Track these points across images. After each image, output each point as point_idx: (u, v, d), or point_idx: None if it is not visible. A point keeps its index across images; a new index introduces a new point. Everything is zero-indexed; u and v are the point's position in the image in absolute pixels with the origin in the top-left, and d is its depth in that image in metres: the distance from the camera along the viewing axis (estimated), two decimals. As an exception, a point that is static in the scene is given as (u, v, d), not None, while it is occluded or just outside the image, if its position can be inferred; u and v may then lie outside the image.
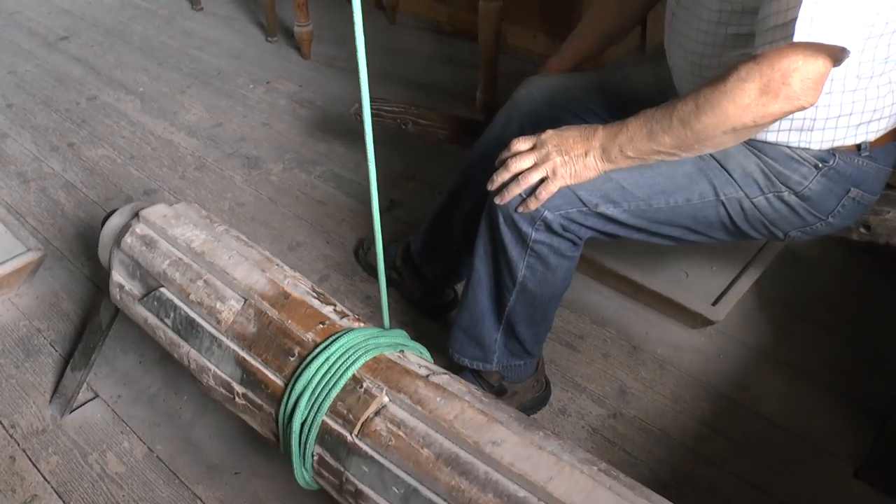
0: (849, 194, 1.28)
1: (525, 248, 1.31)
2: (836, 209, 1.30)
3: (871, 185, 1.29)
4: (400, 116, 1.90)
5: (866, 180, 1.28)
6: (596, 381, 1.65)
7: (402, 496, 0.92)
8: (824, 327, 1.76)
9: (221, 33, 3.17)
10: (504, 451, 0.89)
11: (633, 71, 1.56)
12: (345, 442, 0.97)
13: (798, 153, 1.25)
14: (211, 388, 1.15)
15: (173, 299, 1.19)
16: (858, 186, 1.28)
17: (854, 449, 1.51)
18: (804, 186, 1.27)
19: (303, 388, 1.01)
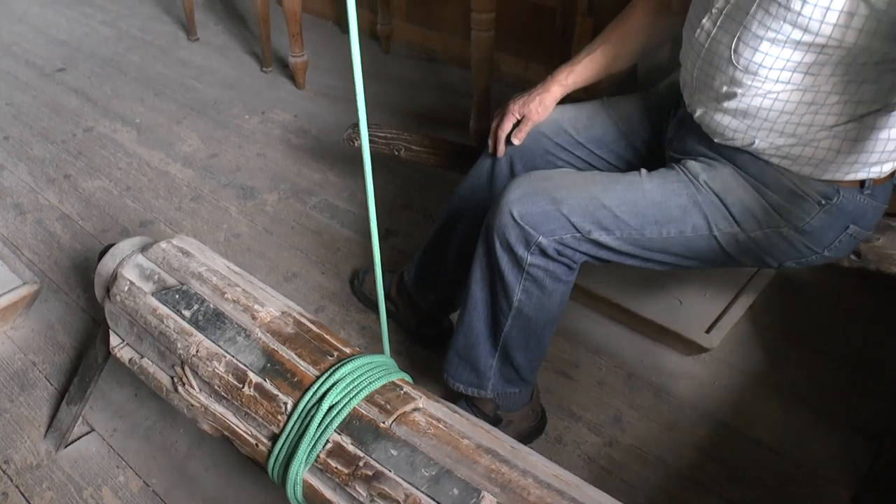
0: (847, 230, 1.31)
1: (521, 271, 1.32)
2: (834, 244, 1.32)
3: (867, 221, 1.32)
4: (393, 143, 1.92)
5: (865, 217, 1.30)
6: (591, 409, 1.65)
7: (431, 477, 0.95)
8: (818, 352, 1.77)
9: (217, 63, 3.19)
10: (537, 459, 0.97)
11: (624, 106, 1.57)
12: (376, 427, 1.01)
13: (802, 189, 1.27)
14: (212, 377, 1.14)
15: (203, 294, 1.23)
16: (857, 223, 1.30)
17: (851, 473, 1.51)
18: (805, 222, 1.29)
19: (342, 376, 1.05)
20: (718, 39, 1.24)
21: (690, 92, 1.35)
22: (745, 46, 1.18)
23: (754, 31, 1.16)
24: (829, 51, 1.11)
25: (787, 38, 1.12)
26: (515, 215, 1.29)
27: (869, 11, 1.05)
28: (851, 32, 1.07)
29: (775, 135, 1.24)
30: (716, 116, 1.29)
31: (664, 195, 1.32)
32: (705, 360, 1.76)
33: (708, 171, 1.34)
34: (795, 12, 1.09)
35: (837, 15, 1.06)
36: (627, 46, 1.50)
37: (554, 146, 1.55)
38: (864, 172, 1.24)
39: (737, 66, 1.20)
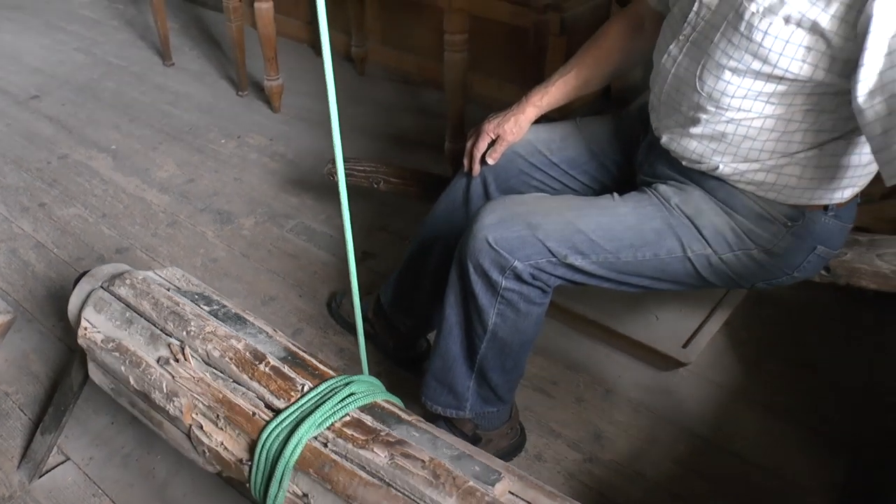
0: (815, 251, 1.34)
1: (495, 295, 1.33)
2: (802, 264, 1.35)
3: (834, 242, 1.35)
4: (371, 175, 1.97)
5: (831, 238, 1.33)
6: (571, 426, 1.65)
7: (454, 455, 1.00)
8: (793, 365, 1.79)
9: (193, 88, 3.20)
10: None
11: (597, 127, 1.60)
12: (398, 416, 1.09)
13: (768, 212, 1.30)
14: (226, 350, 1.16)
15: (222, 300, 1.29)
16: (824, 244, 1.33)
17: (828, 484, 1.53)
18: (773, 244, 1.31)
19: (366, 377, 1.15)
20: (684, 66, 1.27)
21: (658, 116, 1.38)
22: (710, 74, 1.21)
23: (718, 60, 1.19)
24: (788, 82, 1.15)
25: (748, 69, 1.16)
26: (491, 241, 1.30)
27: (825, 48, 1.08)
28: (808, 67, 1.11)
29: (739, 160, 1.27)
30: (682, 141, 1.32)
31: (638, 219, 1.34)
32: (683, 375, 1.77)
33: (679, 195, 1.36)
34: (757, 43, 1.13)
35: (796, 49, 1.10)
36: (601, 68, 1.53)
37: (528, 166, 1.56)
38: (826, 198, 1.28)
39: (701, 92, 1.23)
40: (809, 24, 1.08)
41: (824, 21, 1.06)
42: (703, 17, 1.23)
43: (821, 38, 1.08)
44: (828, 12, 1.06)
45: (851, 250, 1.54)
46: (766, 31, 1.11)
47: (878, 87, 1.02)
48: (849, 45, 1.06)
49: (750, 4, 1.12)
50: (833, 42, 1.07)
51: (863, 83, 1.03)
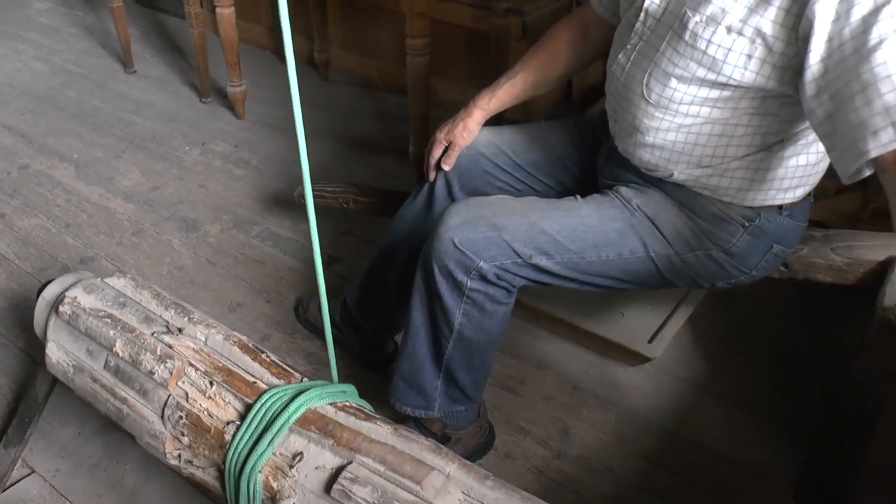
0: (771, 250, 1.37)
1: (461, 296, 1.34)
2: (760, 263, 1.39)
3: (790, 241, 1.39)
4: (341, 196, 2.03)
5: (787, 236, 1.37)
6: (539, 423, 1.67)
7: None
8: (757, 358, 1.83)
9: (155, 96, 3.17)
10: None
11: (561, 131, 1.62)
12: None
13: (725, 213, 1.33)
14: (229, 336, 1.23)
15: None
16: (780, 242, 1.37)
17: (791, 473, 1.56)
18: (731, 244, 1.35)
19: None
20: (632, 75, 1.30)
21: (613, 123, 1.42)
22: (656, 82, 1.25)
23: (664, 68, 1.23)
24: (732, 88, 1.18)
25: (694, 76, 1.20)
26: (457, 241, 1.31)
27: (766, 54, 1.12)
28: (750, 73, 1.15)
29: (692, 167, 1.31)
30: (636, 151, 1.36)
31: (601, 220, 1.37)
32: (649, 371, 1.80)
33: (640, 196, 1.39)
34: (701, 52, 1.16)
35: (738, 56, 1.14)
36: (546, 73, 1.57)
37: (493, 167, 1.58)
38: (779, 198, 1.32)
39: (649, 100, 1.27)
40: (751, 31, 1.11)
41: (766, 27, 1.10)
42: (649, 27, 1.27)
43: (763, 44, 1.12)
44: (767, 18, 1.10)
45: (807, 246, 1.58)
46: (709, 39, 1.15)
47: (823, 87, 1.05)
48: (790, 50, 1.10)
49: (694, 14, 1.16)
50: (775, 47, 1.11)
51: (810, 84, 1.06)
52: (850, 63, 1.00)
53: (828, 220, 1.91)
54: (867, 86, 0.98)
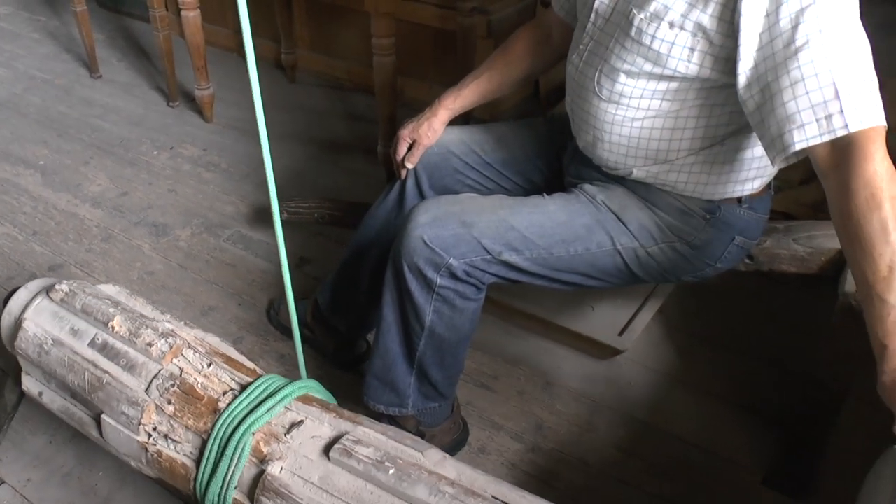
0: (734, 241, 1.40)
1: (431, 293, 1.36)
2: (723, 255, 1.42)
3: (752, 232, 1.42)
4: (317, 211, 2.11)
5: (748, 228, 1.40)
6: (513, 418, 1.69)
7: None
8: (725, 347, 1.85)
9: (122, 100, 3.14)
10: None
11: (529, 129, 1.65)
12: None
13: (688, 206, 1.36)
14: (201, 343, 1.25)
15: None
16: (742, 234, 1.40)
17: (762, 459, 1.59)
18: (694, 237, 1.38)
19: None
20: (584, 73, 1.34)
21: (572, 122, 1.45)
22: (606, 78, 1.29)
23: (613, 64, 1.27)
24: (678, 80, 1.23)
25: (641, 70, 1.24)
26: (426, 239, 1.32)
27: (708, 47, 1.16)
28: (693, 66, 1.19)
29: (649, 163, 1.34)
30: (595, 149, 1.39)
31: (569, 215, 1.39)
32: (620, 363, 1.82)
33: (604, 192, 1.42)
34: (646, 47, 1.21)
35: (681, 50, 1.18)
36: (510, 74, 1.60)
37: (463, 166, 1.60)
38: (738, 191, 1.35)
39: (601, 96, 1.31)
40: (692, 25, 1.15)
41: (705, 21, 1.14)
42: (599, 27, 1.31)
43: (704, 37, 1.16)
44: (707, 13, 1.14)
45: (770, 237, 1.61)
46: (653, 34, 1.19)
47: (753, 79, 1.11)
48: (728, 43, 1.14)
49: (639, 11, 1.20)
50: (715, 40, 1.15)
51: (741, 76, 1.12)
52: (780, 59, 1.06)
53: (792, 210, 1.95)
54: (795, 82, 1.04)
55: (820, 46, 1.03)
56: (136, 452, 1.20)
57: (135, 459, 1.22)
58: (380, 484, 1.00)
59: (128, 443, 1.21)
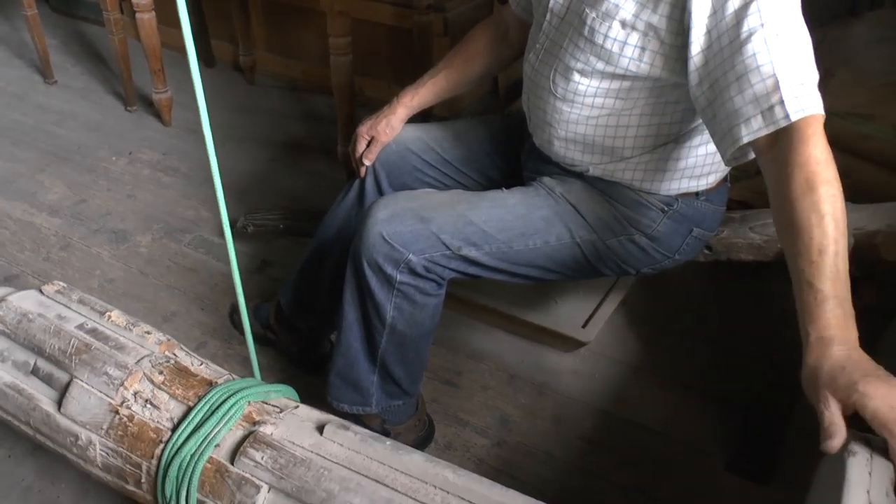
0: (692, 233, 1.42)
1: (391, 290, 1.36)
2: (682, 247, 1.44)
3: (709, 224, 1.44)
4: (282, 222, 2.17)
5: (705, 220, 1.42)
6: (478, 413, 1.69)
7: None
8: (688, 336, 1.88)
9: (78, 106, 3.10)
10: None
11: (488, 126, 1.66)
12: None
13: (646, 199, 1.38)
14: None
15: None
16: (699, 226, 1.42)
17: (725, 444, 1.61)
18: (653, 229, 1.39)
19: None
20: (540, 72, 1.35)
21: (529, 120, 1.46)
22: (561, 77, 1.30)
23: (567, 63, 1.28)
24: (630, 79, 1.24)
25: (594, 69, 1.25)
26: (385, 235, 1.32)
27: (658, 46, 1.18)
28: (644, 65, 1.21)
29: (605, 160, 1.36)
30: (552, 147, 1.41)
31: (527, 209, 1.40)
32: (584, 355, 1.84)
33: (563, 185, 1.43)
34: (599, 46, 1.22)
35: (633, 49, 1.20)
36: (468, 72, 1.61)
37: (421, 163, 1.60)
38: (693, 186, 1.38)
39: (556, 95, 1.32)
40: (643, 24, 1.17)
41: (656, 21, 1.16)
42: (554, 26, 1.32)
43: (655, 37, 1.17)
44: (657, 13, 1.15)
45: (727, 227, 1.63)
46: (605, 34, 1.20)
47: (703, 77, 1.13)
48: (679, 42, 1.15)
49: (591, 11, 1.21)
50: (666, 39, 1.17)
51: (692, 74, 1.13)
52: (726, 55, 1.08)
53: (749, 199, 1.97)
54: (740, 76, 1.06)
55: (762, 40, 1.05)
56: (100, 418, 1.14)
57: (93, 427, 1.15)
58: (375, 452, 1.01)
59: (94, 407, 1.15)
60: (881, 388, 0.83)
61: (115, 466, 1.13)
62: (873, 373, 0.86)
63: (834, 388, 0.86)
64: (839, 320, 0.91)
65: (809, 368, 0.91)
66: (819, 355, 0.89)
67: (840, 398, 0.86)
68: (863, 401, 0.83)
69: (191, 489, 1.03)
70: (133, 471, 1.11)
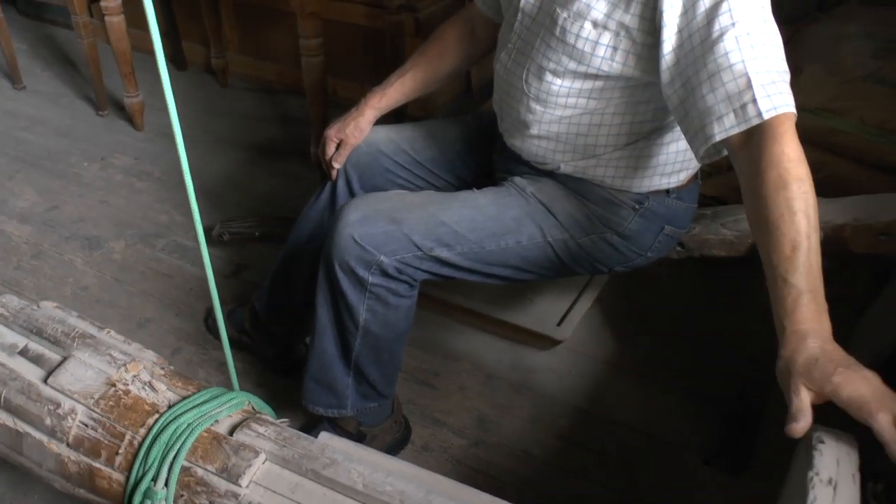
0: (663, 231, 1.43)
1: (364, 292, 1.35)
2: (654, 245, 1.44)
3: (681, 222, 1.45)
4: (258, 230, 2.17)
5: (677, 217, 1.43)
6: (455, 414, 1.69)
7: None
8: (665, 332, 1.89)
9: (48, 111, 3.06)
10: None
11: (459, 126, 1.66)
12: None
13: (617, 197, 1.38)
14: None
15: None
16: (671, 223, 1.43)
17: (703, 439, 1.62)
18: (624, 227, 1.40)
19: None
20: (513, 72, 1.35)
21: (501, 120, 1.46)
22: (534, 77, 1.30)
23: (539, 63, 1.28)
24: (602, 79, 1.24)
25: (566, 69, 1.25)
26: (356, 237, 1.32)
27: (630, 46, 1.18)
28: (617, 64, 1.21)
29: (577, 157, 1.36)
30: (524, 146, 1.41)
31: (498, 209, 1.40)
32: (560, 353, 1.84)
33: (534, 185, 1.43)
34: (571, 46, 1.22)
35: (605, 49, 1.20)
36: (435, 70, 1.60)
37: (393, 164, 1.60)
38: (664, 183, 1.38)
39: (529, 94, 1.32)
40: (615, 24, 1.17)
41: (628, 20, 1.16)
42: (525, 26, 1.32)
43: (627, 36, 1.18)
44: (629, 13, 1.16)
45: (699, 224, 1.64)
46: (577, 33, 1.20)
47: (676, 75, 1.13)
48: (650, 41, 1.16)
49: (562, 11, 1.21)
50: (637, 39, 1.17)
51: (664, 73, 1.14)
52: (698, 53, 1.09)
53: (723, 194, 1.99)
54: (712, 75, 1.07)
55: (733, 39, 1.06)
56: (93, 389, 1.10)
57: (81, 397, 1.10)
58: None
59: (89, 378, 1.11)
60: (854, 377, 0.85)
61: (91, 439, 1.08)
62: (847, 364, 0.88)
63: (809, 378, 0.88)
64: (813, 314, 0.93)
65: (784, 361, 0.92)
66: (794, 348, 0.91)
67: (815, 389, 0.88)
68: (837, 390, 0.85)
69: (181, 452, 1.00)
70: (112, 443, 1.06)
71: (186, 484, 1.00)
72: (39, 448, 1.12)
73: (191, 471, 1.00)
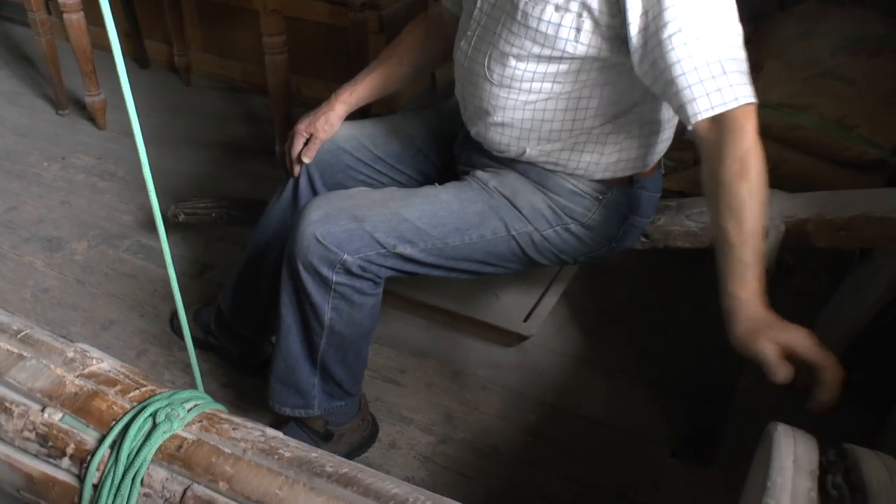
0: (627, 221, 1.44)
1: (328, 291, 1.35)
2: (618, 235, 1.45)
3: (645, 211, 1.45)
4: (214, 210, 2.09)
5: (640, 207, 1.44)
6: (422, 411, 1.70)
7: None
8: (631, 326, 1.91)
9: (6, 111, 3.00)
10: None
11: (421, 121, 1.66)
12: None
13: (579, 188, 1.38)
14: None
15: None
16: (634, 213, 1.43)
17: (669, 432, 1.64)
18: (588, 217, 1.40)
19: None
20: (474, 59, 1.35)
21: (463, 109, 1.45)
22: (496, 63, 1.30)
23: (501, 49, 1.28)
24: (567, 61, 1.24)
25: (530, 53, 1.25)
26: (319, 236, 1.31)
27: (594, 27, 1.19)
28: (581, 46, 1.21)
29: (543, 142, 1.36)
30: (488, 133, 1.39)
31: (461, 204, 1.40)
32: (527, 349, 1.85)
33: (496, 178, 1.43)
34: (533, 29, 1.22)
35: (568, 31, 1.20)
36: (403, 66, 1.60)
37: (354, 161, 1.59)
38: (630, 169, 1.38)
39: (492, 81, 1.31)
40: (577, 6, 1.17)
41: (590, 1, 1.16)
42: (486, 12, 1.32)
43: (590, 17, 1.18)
44: None
45: (664, 215, 1.65)
46: (539, 17, 1.20)
47: (644, 57, 1.15)
48: (615, 22, 1.16)
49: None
50: (601, 20, 1.17)
51: (634, 54, 1.16)
52: (663, 36, 1.10)
53: (687, 189, 2.01)
54: (676, 61, 1.10)
55: (697, 26, 1.09)
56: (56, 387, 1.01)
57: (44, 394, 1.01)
58: None
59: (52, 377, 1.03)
60: (799, 331, 1.03)
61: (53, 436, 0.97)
62: (787, 323, 1.05)
63: (770, 335, 1.02)
64: (760, 287, 1.08)
65: (744, 323, 1.06)
66: (752, 312, 1.06)
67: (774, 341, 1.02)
68: (793, 340, 1.01)
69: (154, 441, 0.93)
70: (79, 437, 0.96)
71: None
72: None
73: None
